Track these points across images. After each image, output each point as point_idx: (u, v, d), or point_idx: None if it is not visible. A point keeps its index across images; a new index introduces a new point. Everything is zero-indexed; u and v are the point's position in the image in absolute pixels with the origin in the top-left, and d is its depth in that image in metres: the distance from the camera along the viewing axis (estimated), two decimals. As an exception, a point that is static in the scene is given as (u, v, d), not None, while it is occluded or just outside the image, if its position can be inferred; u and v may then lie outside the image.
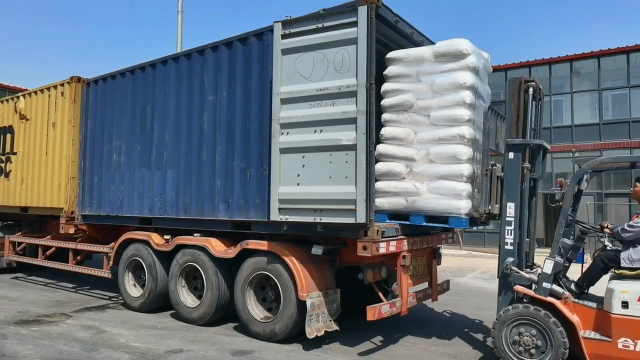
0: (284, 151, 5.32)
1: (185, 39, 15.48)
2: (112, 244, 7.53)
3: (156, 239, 6.84)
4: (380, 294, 5.45)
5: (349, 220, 4.87)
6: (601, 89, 17.74)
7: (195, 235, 6.43)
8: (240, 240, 5.87)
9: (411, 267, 5.60)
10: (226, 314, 6.26)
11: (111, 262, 7.51)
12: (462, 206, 5.14)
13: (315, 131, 5.15)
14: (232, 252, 5.93)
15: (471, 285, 10.17)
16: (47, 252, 8.91)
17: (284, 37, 5.37)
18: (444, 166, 5.25)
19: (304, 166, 5.19)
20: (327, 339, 5.53)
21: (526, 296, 4.72)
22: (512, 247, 4.89)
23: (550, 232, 15.39)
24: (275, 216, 5.33)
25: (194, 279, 6.54)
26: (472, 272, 12.12)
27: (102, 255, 7.79)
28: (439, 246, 6.48)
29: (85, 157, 8.06)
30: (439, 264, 6.53)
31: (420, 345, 5.65)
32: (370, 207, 4.79)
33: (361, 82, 4.85)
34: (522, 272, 4.78)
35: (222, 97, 6.12)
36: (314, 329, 5.17)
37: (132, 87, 7.35)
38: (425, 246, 5.92)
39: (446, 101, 5.25)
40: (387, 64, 5.62)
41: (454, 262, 13.98)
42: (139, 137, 7.16)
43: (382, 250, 4.98)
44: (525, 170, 5.01)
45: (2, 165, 9.64)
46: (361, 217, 4.78)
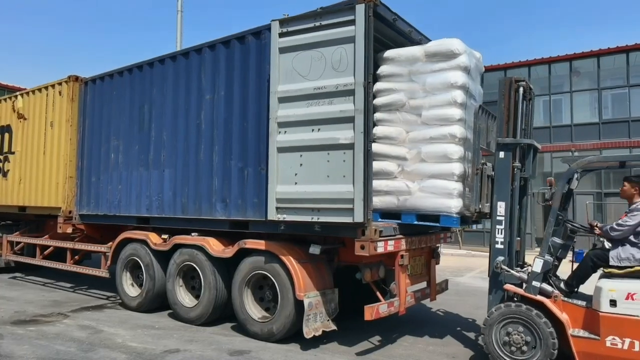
0: (281, 150, 5.29)
1: (184, 42, 15.41)
2: (110, 243, 7.50)
3: (154, 239, 6.82)
4: (378, 294, 5.43)
5: (347, 219, 4.85)
6: (601, 88, 17.72)
7: (192, 234, 6.41)
8: (238, 239, 5.84)
9: (409, 266, 5.59)
10: (224, 313, 6.23)
11: (109, 262, 7.49)
12: (453, 205, 5.17)
13: (312, 130, 5.13)
14: (229, 252, 5.91)
15: (470, 284, 10.14)
16: (45, 252, 8.88)
17: (281, 35, 5.34)
18: (435, 165, 5.28)
19: (301, 165, 5.17)
20: (325, 338, 5.51)
21: (517, 295, 4.74)
22: (502, 246, 4.94)
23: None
24: (272, 215, 5.31)
25: (191, 279, 6.52)
26: (471, 272, 12.10)
27: (101, 254, 7.77)
28: (437, 245, 6.47)
29: (83, 156, 8.04)
30: (438, 264, 6.52)
31: (418, 345, 5.63)
32: (368, 206, 4.77)
33: (359, 81, 4.82)
34: (512, 271, 4.81)
35: (219, 96, 6.10)
36: (311, 329, 5.14)
37: (130, 86, 7.33)
38: (423, 245, 5.90)
39: (437, 100, 5.28)
40: (379, 63, 5.61)
41: (454, 261, 13.95)
42: (137, 137, 7.13)
43: (380, 249, 4.96)
44: (515, 169, 5.03)
45: (0, 164, 9.62)
46: (359, 217, 4.76)
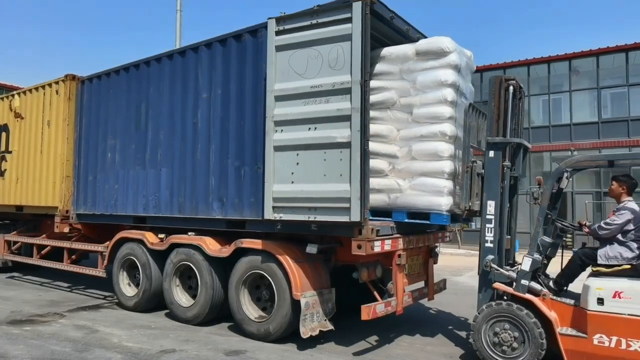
0: (278, 149, 5.27)
1: (184, 42, 15.37)
2: (107, 243, 7.48)
3: (150, 238, 6.78)
4: (375, 293, 5.40)
5: (343, 218, 4.82)
6: (600, 87, 17.70)
7: (189, 234, 6.37)
8: (234, 239, 5.81)
9: (407, 266, 5.56)
10: (220, 313, 6.20)
11: (106, 261, 7.45)
12: (444, 203, 5.18)
13: (309, 129, 5.10)
14: (226, 251, 5.88)
15: (468, 284, 10.10)
16: (42, 251, 8.85)
17: (278, 33, 5.32)
18: (425, 163, 5.28)
19: (298, 164, 5.14)
20: (322, 338, 5.48)
21: (506, 293, 4.73)
22: (492, 245, 4.94)
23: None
24: (269, 215, 5.29)
25: (188, 278, 6.49)
26: (470, 271, 12.06)
27: (98, 254, 7.74)
28: (435, 245, 6.44)
29: (80, 155, 8.00)
30: (436, 263, 6.50)
31: (415, 344, 5.60)
32: (364, 205, 4.73)
33: (355, 79, 4.80)
34: (502, 270, 4.81)
35: (216, 94, 6.06)
36: (308, 329, 5.11)
37: (127, 85, 7.29)
38: (421, 245, 5.87)
39: (428, 99, 5.28)
40: (373, 61, 5.57)
41: (453, 261, 13.92)
42: (134, 136, 7.10)
43: (377, 249, 4.94)
44: (505, 168, 5.03)
45: (-2, 164, 9.60)
46: (355, 216, 4.73)
